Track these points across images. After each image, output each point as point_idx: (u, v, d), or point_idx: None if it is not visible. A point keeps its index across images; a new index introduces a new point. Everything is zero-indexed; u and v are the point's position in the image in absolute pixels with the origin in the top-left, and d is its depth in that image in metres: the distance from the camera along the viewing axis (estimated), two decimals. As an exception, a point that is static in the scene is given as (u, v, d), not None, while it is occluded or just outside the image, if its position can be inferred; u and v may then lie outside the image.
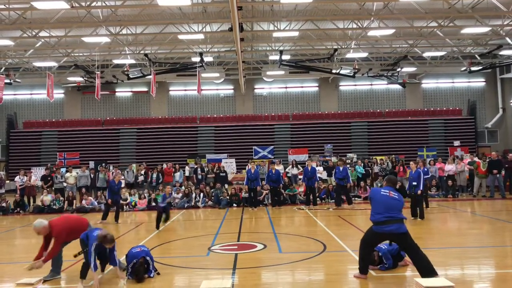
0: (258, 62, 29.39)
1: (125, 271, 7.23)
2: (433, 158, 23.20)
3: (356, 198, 18.17)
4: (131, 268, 7.19)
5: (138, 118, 32.40)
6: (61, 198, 17.87)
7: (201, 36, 21.14)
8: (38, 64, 26.14)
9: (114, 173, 18.03)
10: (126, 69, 25.08)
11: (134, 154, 30.92)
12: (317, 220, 13.42)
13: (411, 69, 29.23)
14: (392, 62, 27.92)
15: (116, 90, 32.32)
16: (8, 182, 24.03)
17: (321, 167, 22.36)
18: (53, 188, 18.77)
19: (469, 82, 32.47)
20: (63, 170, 21.89)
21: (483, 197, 17.92)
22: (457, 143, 29.98)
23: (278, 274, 7.49)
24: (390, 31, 21.22)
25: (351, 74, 26.36)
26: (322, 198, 17.68)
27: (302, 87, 32.82)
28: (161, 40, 23.07)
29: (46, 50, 23.43)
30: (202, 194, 17.95)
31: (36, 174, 23.47)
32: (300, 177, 19.81)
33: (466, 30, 20.79)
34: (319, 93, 32.82)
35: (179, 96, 33.00)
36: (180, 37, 21.40)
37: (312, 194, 16.64)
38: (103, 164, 23.75)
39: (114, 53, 25.02)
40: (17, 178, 18.75)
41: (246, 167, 19.45)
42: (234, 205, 17.24)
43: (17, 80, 28.33)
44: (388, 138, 30.90)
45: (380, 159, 22.59)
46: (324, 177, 21.52)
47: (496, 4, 17.67)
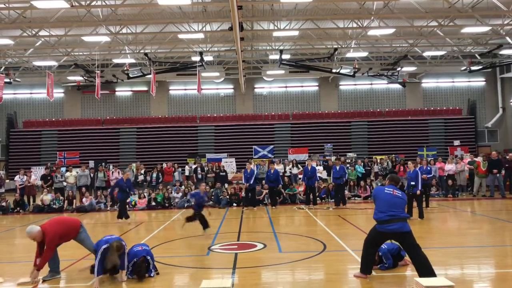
0: (258, 61, 29.39)
1: (124, 271, 7.23)
2: (433, 158, 23.18)
3: (356, 198, 18.19)
4: (132, 266, 7.20)
5: (138, 117, 32.40)
6: (61, 198, 17.87)
7: (201, 35, 21.12)
8: (38, 63, 26.13)
9: (128, 169, 18.11)
10: (126, 68, 25.06)
11: (134, 153, 30.92)
12: (317, 219, 13.42)
13: (411, 68, 29.22)
14: (392, 62, 27.91)
15: (116, 90, 32.32)
16: (8, 181, 24.05)
17: (321, 167, 22.36)
18: (53, 187, 18.77)
19: (469, 81, 32.47)
20: (63, 169, 21.88)
21: (483, 196, 17.92)
22: (457, 143, 29.98)
23: (278, 274, 7.48)
24: (390, 31, 21.21)
25: (351, 74, 26.36)
26: (322, 197, 17.69)
27: (302, 87, 32.82)
28: (161, 39, 23.05)
29: (46, 49, 23.41)
30: (202, 194, 17.92)
31: (36, 174, 23.47)
32: (300, 176, 19.82)
33: (466, 30, 20.77)
34: (319, 92, 32.81)
35: (179, 95, 33.00)
36: (180, 36, 21.39)
37: (312, 194, 16.63)
38: (103, 163, 23.73)
39: (114, 52, 25.02)
40: (17, 178, 18.73)
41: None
42: (234, 204, 17.24)
43: (17, 79, 28.33)
44: (388, 137, 30.90)
45: (380, 159, 22.59)
46: (324, 176, 21.54)
47: (496, 3, 17.67)
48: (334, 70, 26.99)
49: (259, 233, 9.87)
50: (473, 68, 27.41)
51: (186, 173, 21.61)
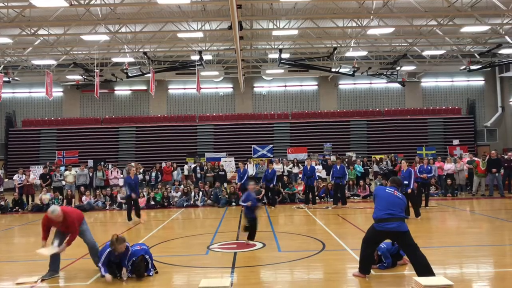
0: (257, 60, 29.36)
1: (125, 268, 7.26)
2: (432, 157, 23.19)
3: (355, 197, 18.19)
4: (131, 265, 7.21)
5: (137, 116, 32.37)
6: (60, 197, 17.86)
7: (200, 34, 21.09)
8: (37, 62, 26.08)
9: (134, 167, 18.05)
10: (125, 67, 25.04)
11: (133, 152, 30.90)
12: (316, 219, 13.43)
13: (411, 67, 29.22)
14: (391, 61, 27.90)
15: (115, 89, 32.29)
16: (6, 180, 24.06)
17: (320, 166, 22.36)
18: (51, 186, 18.75)
19: (468, 81, 32.48)
20: (63, 168, 21.86)
21: (482, 196, 17.94)
22: (456, 142, 30.00)
23: (277, 273, 7.48)
24: (390, 30, 21.19)
25: (351, 73, 26.36)
26: (321, 197, 17.69)
27: (301, 86, 32.81)
28: (160, 38, 23.02)
29: (45, 48, 23.36)
30: (201, 193, 17.95)
31: (34, 173, 23.43)
32: (300, 176, 19.80)
33: (465, 29, 20.76)
34: (319, 91, 32.81)
35: (178, 94, 32.98)
36: (179, 35, 21.36)
37: (311, 193, 16.63)
38: (102, 162, 23.73)
39: (113, 51, 24.98)
40: (15, 177, 18.72)
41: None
42: (233, 203, 17.23)
43: (15, 78, 28.27)
44: (387, 137, 30.90)
45: (379, 158, 22.60)
46: (323, 175, 21.53)
47: (495, 3, 17.66)
48: (333, 69, 26.98)
49: (259, 232, 9.86)
50: (472, 67, 27.41)
51: (185, 172, 21.59)
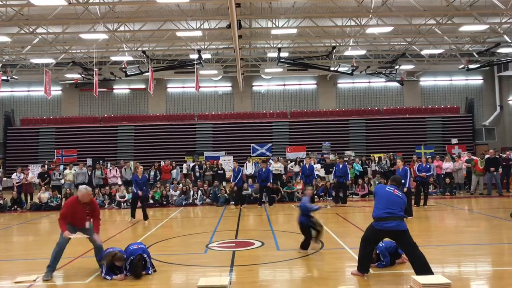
0: (256, 59, 29.36)
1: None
2: (430, 156, 23.22)
3: (353, 196, 18.21)
4: (129, 265, 7.20)
5: (136, 115, 32.36)
6: (58, 196, 17.84)
7: (199, 33, 21.08)
8: (35, 60, 26.03)
9: (139, 166, 17.97)
10: (124, 66, 25.01)
11: (132, 151, 30.89)
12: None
13: (409, 66, 29.24)
14: (390, 60, 27.92)
15: (113, 87, 32.26)
16: (5, 179, 24.02)
17: (319, 165, 22.37)
18: (50, 185, 18.73)
19: (467, 80, 32.54)
20: (62, 167, 21.83)
21: (481, 194, 17.98)
22: (454, 141, 30.06)
23: (275, 272, 7.49)
24: (388, 29, 21.20)
25: (349, 72, 26.36)
26: (319, 195, 17.69)
27: (300, 85, 32.82)
28: (159, 37, 23.01)
29: (44, 47, 23.33)
30: (200, 192, 17.95)
31: (33, 171, 23.41)
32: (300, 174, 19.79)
33: (464, 28, 20.79)
34: (317, 90, 32.82)
35: (177, 93, 32.96)
36: (178, 34, 21.35)
37: (310, 192, 16.59)
38: (101, 161, 23.71)
39: (112, 50, 24.94)
40: (14, 175, 18.69)
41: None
42: (232, 202, 17.23)
43: (14, 77, 28.23)
44: (386, 135, 30.94)
45: (378, 157, 22.61)
46: (322, 174, 21.52)
47: (494, 2, 17.68)
48: (332, 68, 27.00)
49: (257, 231, 9.87)
50: (471, 66, 27.43)
51: (184, 171, 21.58)
